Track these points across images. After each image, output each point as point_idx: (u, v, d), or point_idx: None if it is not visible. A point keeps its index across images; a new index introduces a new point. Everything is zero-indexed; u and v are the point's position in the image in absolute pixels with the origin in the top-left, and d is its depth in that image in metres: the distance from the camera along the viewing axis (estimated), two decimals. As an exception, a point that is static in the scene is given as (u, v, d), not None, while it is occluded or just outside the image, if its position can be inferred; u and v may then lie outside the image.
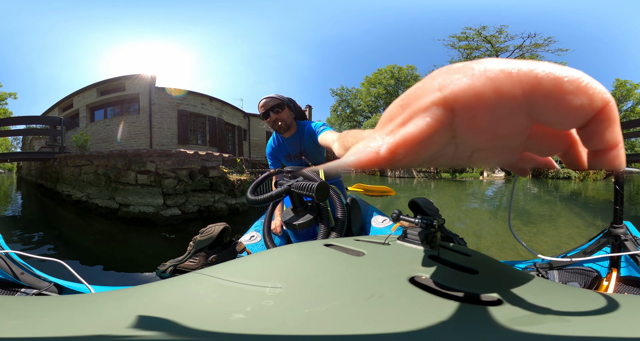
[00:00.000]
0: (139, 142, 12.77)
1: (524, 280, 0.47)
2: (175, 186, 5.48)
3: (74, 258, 3.46)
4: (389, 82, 29.58)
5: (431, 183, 20.38)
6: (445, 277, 0.45)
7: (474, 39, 24.72)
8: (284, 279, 0.45)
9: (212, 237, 1.23)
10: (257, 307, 0.38)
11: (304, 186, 0.92)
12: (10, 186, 15.60)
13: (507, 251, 3.88)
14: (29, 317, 0.41)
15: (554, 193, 10.84)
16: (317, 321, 0.35)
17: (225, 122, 16.19)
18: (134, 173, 5.36)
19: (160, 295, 0.45)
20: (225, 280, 0.46)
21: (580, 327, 0.33)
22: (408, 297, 0.39)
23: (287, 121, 1.71)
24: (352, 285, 0.43)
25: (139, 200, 5.27)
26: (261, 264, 0.55)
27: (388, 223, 1.71)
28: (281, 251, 0.60)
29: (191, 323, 0.35)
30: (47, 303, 0.47)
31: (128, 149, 5.56)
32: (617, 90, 25.30)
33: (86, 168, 5.92)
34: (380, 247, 0.60)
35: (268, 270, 0.51)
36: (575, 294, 0.45)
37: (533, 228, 4.98)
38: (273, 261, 0.56)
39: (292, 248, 0.63)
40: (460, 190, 13.76)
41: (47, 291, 1.10)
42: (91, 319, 0.39)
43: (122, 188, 5.40)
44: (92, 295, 0.51)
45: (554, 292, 0.45)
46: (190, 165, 5.74)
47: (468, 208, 8.34)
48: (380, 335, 0.32)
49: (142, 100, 13.10)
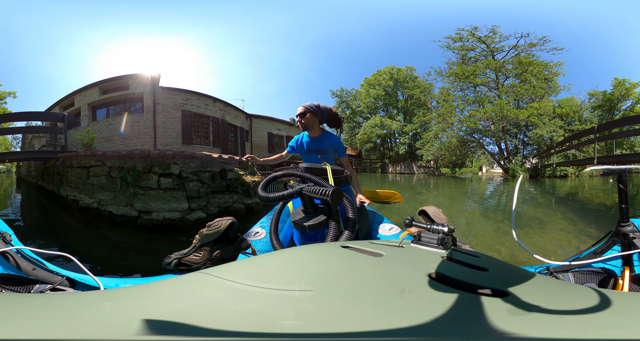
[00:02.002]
0: (143, 141, 12.30)
1: (530, 277, 0.51)
2: (199, 189, 5.03)
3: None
4: (388, 83, 29.24)
5: (430, 179, 20.10)
6: (459, 274, 0.48)
7: (468, 40, 24.28)
8: (312, 282, 0.45)
9: (219, 231, 1.20)
10: (299, 312, 0.37)
11: (318, 191, 0.95)
12: (10, 187, 14.69)
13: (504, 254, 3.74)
14: (63, 313, 0.41)
15: (549, 196, 10.62)
16: (361, 319, 0.36)
17: (228, 123, 15.72)
18: (156, 177, 4.78)
19: (194, 305, 0.42)
20: (246, 285, 0.45)
21: (579, 320, 0.36)
22: (432, 290, 0.42)
23: (307, 123, 2.22)
24: (381, 283, 0.44)
25: (163, 206, 4.70)
26: (282, 267, 0.53)
27: (396, 231, 1.72)
28: (299, 253, 0.60)
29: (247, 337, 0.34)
30: (66, 300, 0.46)
31: (152, 150, 4.98)
32: (615, 89, 24.87)
33: (96, 170, 5.20)
34: (397, 249, 0.62)
35: (291, 273, 0.50)
36: (576, 290, 0.49)
37: (521, 232, 4.82)
38: (294, 264, 0.54)
39: (310, 250, 0.62)
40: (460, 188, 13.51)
41: (60, 285, 1.09)
42: (114, 319, 0.38)
43: (142, 193, 4.75)
44: (111, 292, 0.50)
45: (555, 287, 0.50)
46: (212, 167, 5.34)
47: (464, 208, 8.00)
48: (421, 325, 0.34)
49: (146, 100, 12.61)
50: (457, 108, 25.24)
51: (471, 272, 0.49)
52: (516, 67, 23.17)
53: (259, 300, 0.40)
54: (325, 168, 1.51)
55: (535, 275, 0.52)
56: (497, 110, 22.24)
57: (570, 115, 26.25)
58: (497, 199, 10.03)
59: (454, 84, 25.28)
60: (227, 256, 1.22)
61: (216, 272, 0.50)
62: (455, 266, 0.51)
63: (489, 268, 0.51)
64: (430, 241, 0.63)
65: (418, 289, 0.41)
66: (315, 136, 2.28)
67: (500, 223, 5.71)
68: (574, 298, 0.45)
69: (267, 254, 0.62)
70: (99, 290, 0.67)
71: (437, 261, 0.53)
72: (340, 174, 1.59)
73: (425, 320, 0.35)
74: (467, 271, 0.50)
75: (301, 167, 1.48)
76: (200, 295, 0.44)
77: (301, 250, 0.62)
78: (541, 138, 22.76)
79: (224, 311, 0.38)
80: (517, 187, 0.99)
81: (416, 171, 27.77)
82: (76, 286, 1.12)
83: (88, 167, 5.37)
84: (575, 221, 5.89)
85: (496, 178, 20.59)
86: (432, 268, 0.48)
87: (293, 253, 0.59)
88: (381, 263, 0.51)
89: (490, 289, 0.43)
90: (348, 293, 0.41)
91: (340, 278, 0.46)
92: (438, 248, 0.61)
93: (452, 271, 0.48)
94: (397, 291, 0.41)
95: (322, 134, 2.28)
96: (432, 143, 25.43)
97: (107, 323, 0.37)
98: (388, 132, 28.85)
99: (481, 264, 0.52)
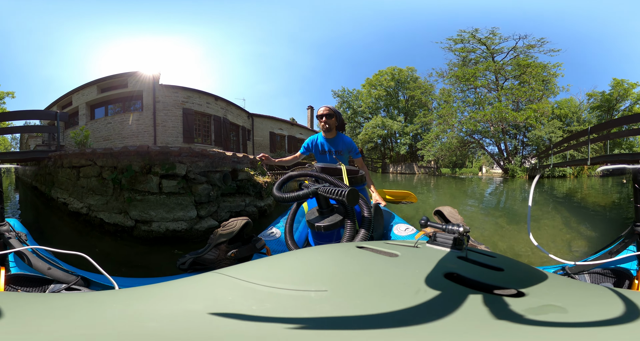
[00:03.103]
0: (142, 140, 11.84)
1: (546, 278, 0.49)
2: (209, 192, 4.15)
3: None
4: (390, 83, 28.94)
5: (431, 179, 19.87)
6: (475, 274, 0.48)
7: (469, 42, 24.08)
8: (327, 282, 0.44)
9: (233, 231, 1.19)
10: (314, 312, 0.37)
11: (334, 191, 0.95)
12: (10, 186, 14.35)
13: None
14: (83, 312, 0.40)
15: (547, 195, 10.64)
16: (376, 320, 0.35)
17: (230, 121, 15.23)
18: (156, 178, 3.86)
19: (210, 304, 0.41)
20: (261, 285, 0.45)
21: (597, 321, 0.35)
22: (447, 290, 0.41)
23: (331, 125, 2.30)
24: (396, 283, 0.44)
25: (165, 215, 3.72)
26: (297, 267, 0.52)
27: (411, 231, 1.70)
28: (314, 253, 0.59)
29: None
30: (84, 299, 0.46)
31: (151, 146, 4.06)
32: (614, 89, 24.51)
33: (86, 170, 4.38)
34: (412, 249, 0.62)
35: (306, 273, 0.49)
36: (593, 290, 0.47)
37: (515, 227, 5.03)
38: (309, 264, 0.53)
39: (326, 250, 0.61)
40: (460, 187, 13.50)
41: (75, 285, 1.06)
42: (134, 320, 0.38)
43: (139, 199, 3.82)
44: (130, 291, 0.49)
45: (571, 287, 0.48)
46: (223, 167, 4.54)
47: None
48: (436, 325, 0.34)
49: (146, 98, 12.13)
50: (457, 110, 25.26)
51: (487, 272, 0.49)
52: (515, 68, 23.11)
53: (273, 300, 0.40)
54: (340, 169, 1.49)
55: (551, 276, 0.51)
56: (496, 113, 22.23)
57: (569, 116, 25.93)
58: (497, 198, 10.16)
59: (455, 85, 25.20)
60: (242, 256, 1.18)
61: (231, 272, 0.49)
62: (471, 266, 0.51)
63: (505, 268, 0.51)
64: (446, 241, 0.63)
65: (433, 289, 0.41)
66: (331, 137, 2.35)
67: (498, 219, 5.80)
68: (590, 298, 0.43)
69: (282, 254, 0.61)
70: (116, 290, 0.67)
71: (452, 261, 0.53)
72: (355, 174, 1.56)
73: (441, 320, 0.34)
74: (482, 271, 0.49)
75: (316, 167, 1.46)
76: (214, 295, 0.43)
77: (316, 250, 0.61)
78: (540, 139, 22.49)
79: (239, 312, 0.38)
80: (532, 187, 0.97)
81: (417, 171, 27.70)
82: (91, 286, 1.10)
83: (78, 167, 4.67)
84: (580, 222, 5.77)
85: (496, 179, 20.96)
86: (447, 269, 0.48)
87: (308, 253, 0.58)
88: (397, 264, 0.51)
89: (505, 289, 0.42)
90: (363, 293, 0.41)
91: (355, 278, 0.46)
92: (453, 249, 0.60)
93: (467, 272, 0.48)
94: (412, 292, 0.40)
95: (337, 136, 2.36)
96: (433, 144, 25.37)
97: (127, 322, 0.36)
98: (389, 132, 28.60)
99: (497, 264, 0.52)
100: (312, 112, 25.21)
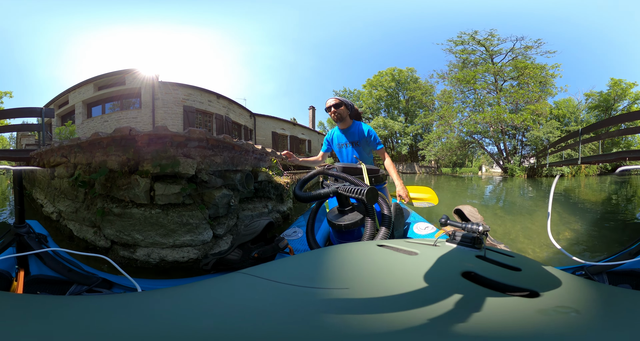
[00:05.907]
0: None
1: (563, 278, 0.48)
2: (229, 201, 2.71)
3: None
4: (390, 84, 28.18)
5: (432, 179, 19.28)
6: (492, 273, 0.47)
7: (469, 43, 23.49)
8: (348, 280, 0.44)
9: (256, 232, 1.18)
10: (335, 309, 0.37)
11: (354, 190, 0.95)
12: (9, 186, 13.59)
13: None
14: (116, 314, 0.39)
15: (542, 191, 10.65)
16: (396, 317, 0.35)
17: (232, 120, 14.37)
18: (145, 182, 2.33)
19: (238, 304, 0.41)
20: (284, 283, 0.44)
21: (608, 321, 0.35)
22: (465, 289, 0.41)
23: (342, 114, 2.08)
24: (416, 282, 0.43)
25: (160, 239, 2.25)
26: (319, 266, 0.52)
27: (431, 230, 1.67)
28: (335, 252, 0.58)
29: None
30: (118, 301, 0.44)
31: (138, 130, 2.52)
32: (612, 89, 23.88)
33: (60, 169, 3.44)
34: (431, 248, 0.60)
35: (328, 271, 0.48)
36: (611, 291, 0.45)
37: (508, 216, 5.20)
38: (330, 262, 0.52)
39: (347, 248, 0.60)
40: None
41: (97, 287, 1.04)
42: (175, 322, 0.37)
43: (117, 212, 2.34)
44: (157, 292, 0.47)
45: (588, 288, 0.46)
46: (245, 165, 3.29)
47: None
48: (454, 323, 0.33)
49: (144, 95, 11.13)
50: (457, 111, 24.64)
51: (504, 272, 0.48)
52: (513, 70, 22.58)
53: (297, 298, 0.40)
54: (360, 168, 1.49)
55: (569, 276, 0.50)
56: (495, 115, 21.77)
57: (567, 116, 25.31)
58: (496, 194, 10.14)
59: (455, 86, 24.63)
60: (265, 256, 1.16)
61: (254, 272, 0.49)
62: (489, 265, 0.50)
63: (522, 268, 0.50)
64: (465, 240, 0.62)
65: (450, 288, 0.41)
66: (345, 128, 2.18)
67: (497, 210, 6.00)
68: (607, 300, 0.42)
69: (304, 253, 0.61)
70: (140, 292, 0.64)
71: (471, 260, 0.52)
72: (376, 173, 1.55)
73: (458, 318, 0.34)
74: (500, 270, 0.49)
75: (337, 166, 1.41)
76: (239, 294, 0.43)
77: (337, 248, 0.60)
78: (538, 139, 21.87)
79: (265, 310, 0.38)
80: (552, 188, 0.96)
81: (418, 171, 27.17)
82: (113, 288, 1.08)
83: (54, 165, 3.79)
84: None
85: (495, 178, 20.29)
86: (465, 267, 0.47)
87: (329, 252, 0.58)
88: (416, 262, 0.51)
89: (522, 289, 0.42)
90: (383, 290, 0.40)
91: (375, 276, 0.46)
92: (472, 248, 0.60)
93: (485, 271, 0.47)
94: (430, 290, 0.40)
95: (351, 125, 2.16)
96: (434, 144, 24.84)
97: (155, 323, 0.36)
98: (390, 132, 27.87)
99: (515, 264, 0.51)
100: (313, 112, 24.37)
